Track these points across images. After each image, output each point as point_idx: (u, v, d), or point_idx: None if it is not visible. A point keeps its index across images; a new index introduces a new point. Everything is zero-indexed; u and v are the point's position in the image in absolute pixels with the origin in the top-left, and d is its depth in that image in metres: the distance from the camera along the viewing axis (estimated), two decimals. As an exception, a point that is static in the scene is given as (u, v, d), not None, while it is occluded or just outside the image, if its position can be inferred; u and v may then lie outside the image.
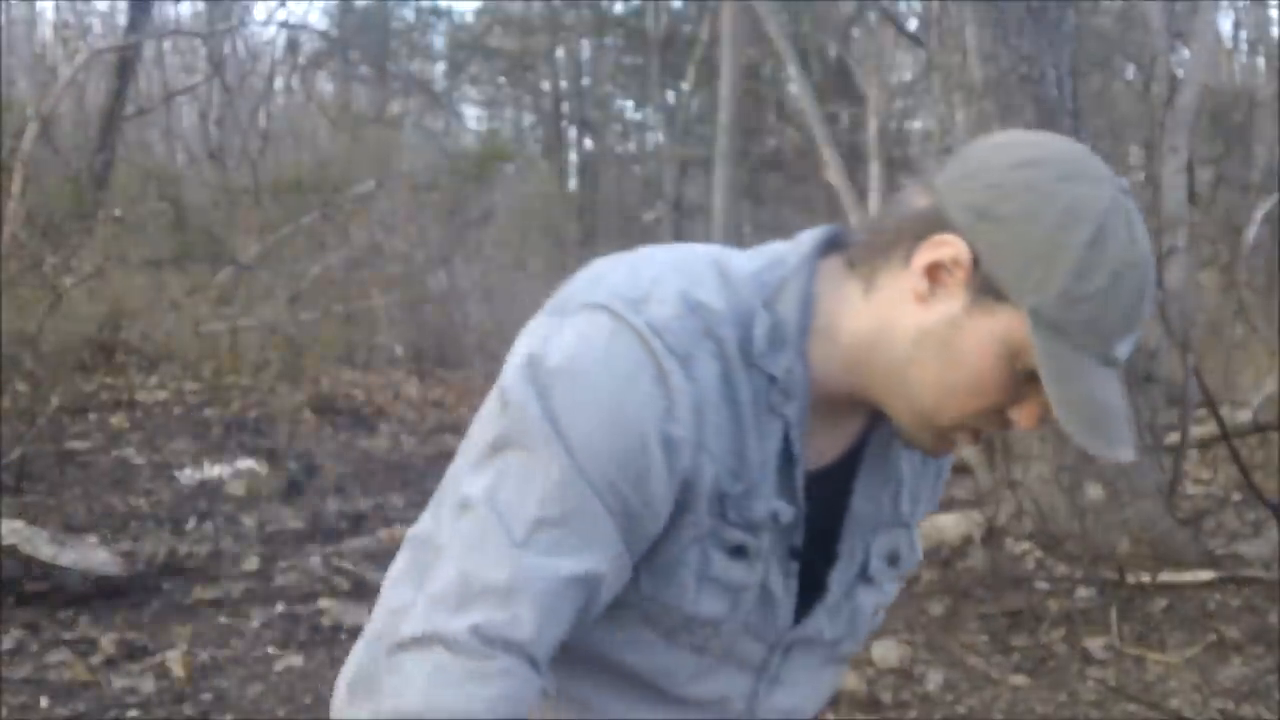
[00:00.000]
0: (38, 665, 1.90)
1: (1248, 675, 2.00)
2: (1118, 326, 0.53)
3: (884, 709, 1.88)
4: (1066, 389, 0.52)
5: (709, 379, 0.53)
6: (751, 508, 0.56)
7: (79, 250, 4.93)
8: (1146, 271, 0.54)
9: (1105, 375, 0.53)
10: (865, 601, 0.63)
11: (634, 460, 0.52)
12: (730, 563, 0.57)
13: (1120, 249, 0.52)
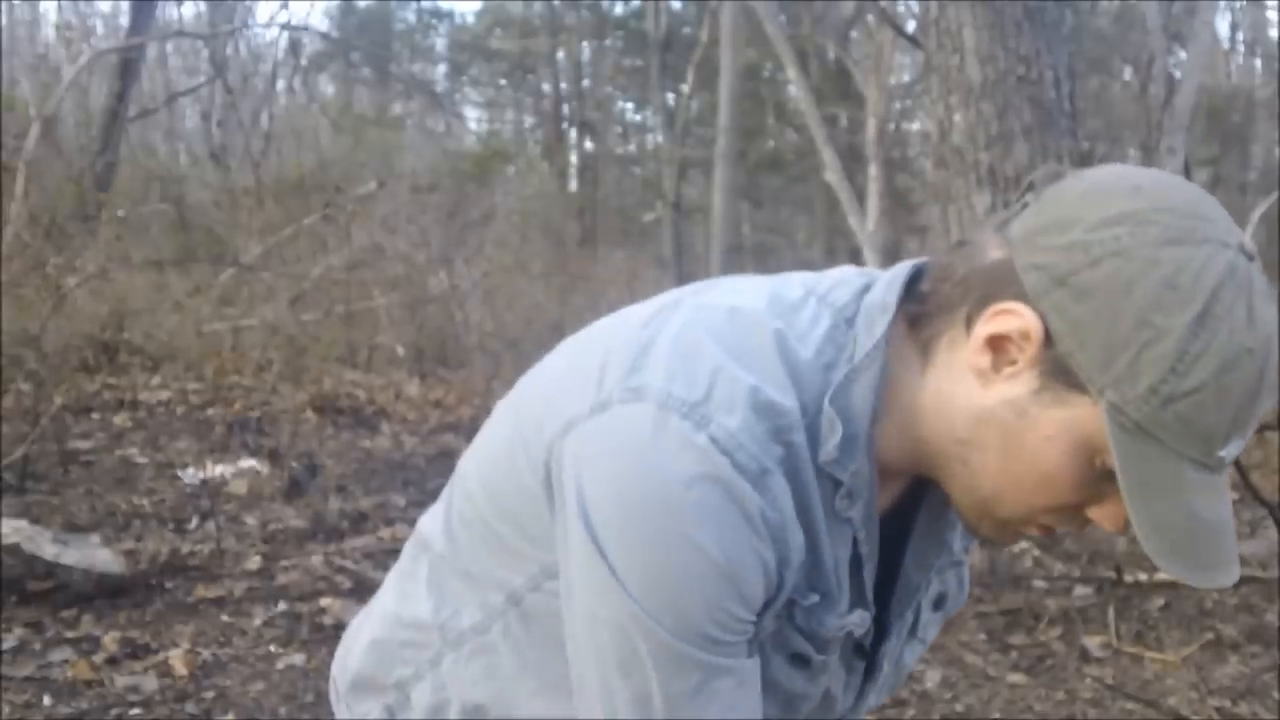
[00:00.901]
0: (40, 664, 1.91)
1: (1245, 674, 2.01)
2: (1224, 428, 0.43)
3: (882, 707, 1.89)
4: (1151, 503, 0.43)
5: (784, 495, 0.46)
6: (824, 622, 0.50)
7: (82, 251, 4.95)
8: (1270, 357, 0.43)
9: (1206, 483, 0.43)
10: (910, 658, 0.58)
11: (734, 604, 0.46)
12: (792, 671, 0.51)
13: (1234, 333, 0.42)
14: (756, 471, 0.45)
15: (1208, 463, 0.43)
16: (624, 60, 13.21)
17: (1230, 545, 0.45)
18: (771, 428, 0.46)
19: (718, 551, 0.44)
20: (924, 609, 0.57)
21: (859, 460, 0.48)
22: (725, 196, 8.08)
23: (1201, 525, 0.44)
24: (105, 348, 4.43)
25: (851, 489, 0.48)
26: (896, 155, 8.46)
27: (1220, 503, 0.45)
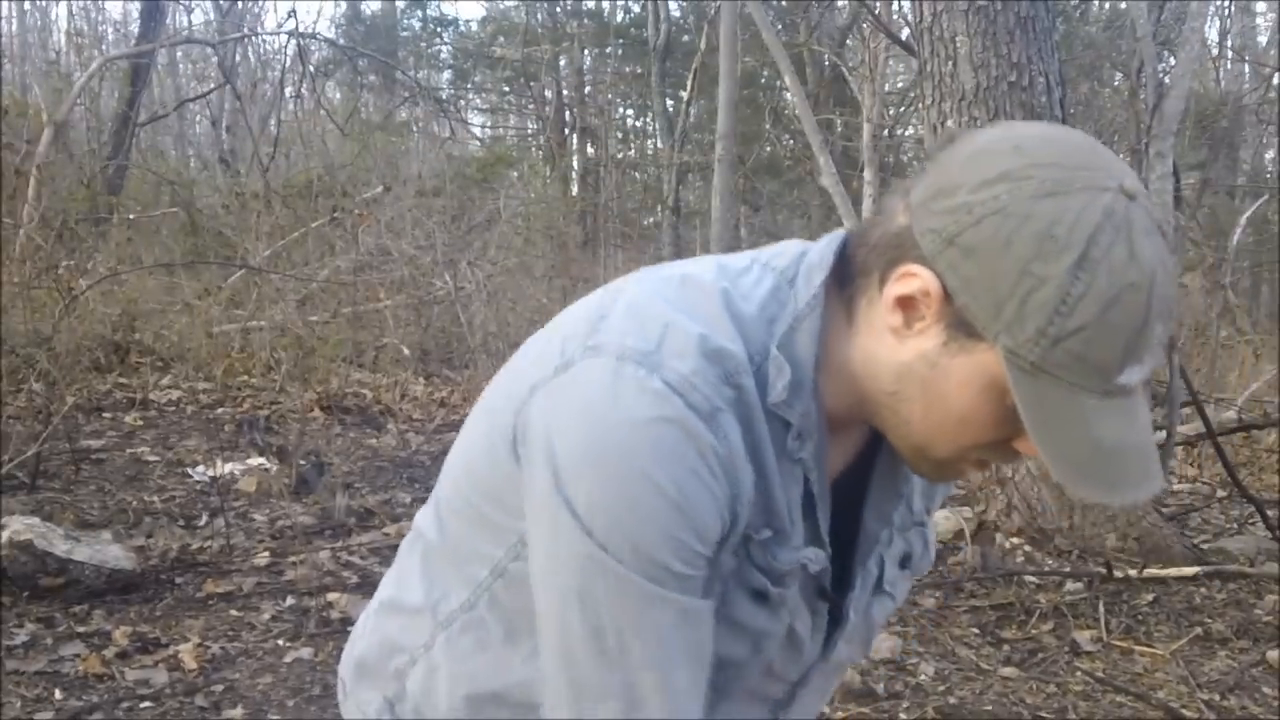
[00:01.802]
0: (52, 658, 1.93)
1: (1233, 668, 2.03)
2: (1117, 358, 0.45)
3: (877, 699, 1.92)
4: (1054, 435, 0.46)
5: (734, 434, 0.49)
6: (778, 556, 0.53)
7: (93, 253, 5.02)
8: (1155, 288, 0.45)
9: (1110, 409, 0.46)
10: (880, 614, 0.60)
11: (689, 536, 0.48)
12: (754, 608, 0.53)
13: (1114, 271, 0.44)
14: (709, 411, 0.48)
15: (1107, 390, 0.46)
16: (624, 67, 13.28)
17: (1141, 464, 0.47)
18: (721, 372, 0.50)
19: (673, 487, 0.48)
20: (888, 564, 0.59)
21: (806, 402, 0.52)
22: (723, 200, 8.12)
23: (1107, 450, 0.46)
24: (116, 348, 4.48)
25: (801, 430, 0.52)
26: (891, 160, 8.49)
27: (1129, 426, 0.47)
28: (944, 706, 1.88)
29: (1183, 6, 3.52)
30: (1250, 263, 6.79)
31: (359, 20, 13.85)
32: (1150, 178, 2.80)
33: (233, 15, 9.27)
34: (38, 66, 9.68)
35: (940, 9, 2.61)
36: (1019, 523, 2.65)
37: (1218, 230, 6.18)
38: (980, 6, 2.56)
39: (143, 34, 7.55)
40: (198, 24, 9.53)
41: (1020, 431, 0.48)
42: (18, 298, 4.02)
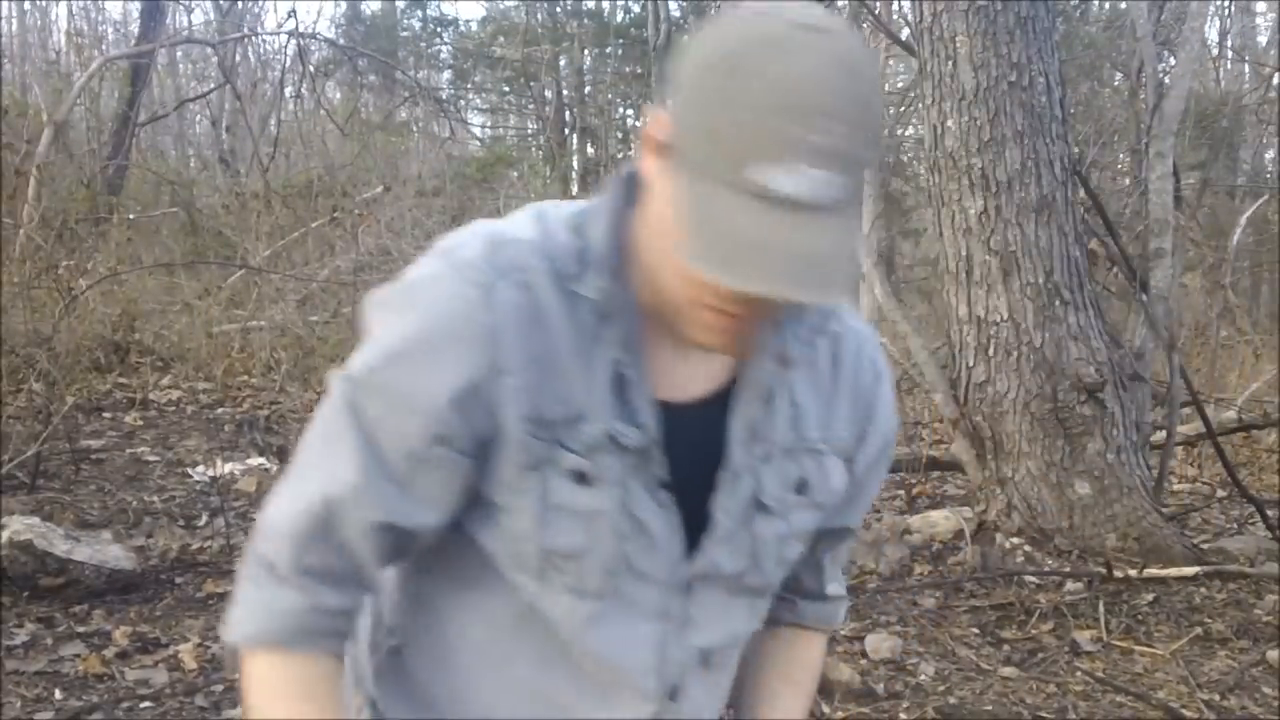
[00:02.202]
0: (52, 658, 1.94)
1: (1233, 668, 2.03)
2: (754, 150, 0.48)
3: (877, 699, 1.92)
4: (695, 216, 0.49)
5: (508, 306, 0.55)
6: (583, 430, 0.56)
7: (93, 253, 5.02)
8: (796, 94, 0.47)
9: (757, 209, 0.48)
10: (766, 531, 0.61)
11: (429, 372, 0.55)
12: (575, 489, 0.57)
13: (760, 73, 0.48)
14: (484, 284, 0.55)
15: (738, 183, 0.49)
16: (624, 67, 13.30)
17: (777, 265, 0.49)
18: (505, 257, 0.56)
19: (429, 329, 0.56)
20: (769, 480, 0.61)
21: (602, 279, 0.56)
22: (726, 201, 8.09)
23: (746, 241, 0.49)
24: (116, 348, 4.48)
25: (603, 308, 0.56)
26: (891, 160, 8.50)
27: (770, 230, 0.48)
28: (944, 706, 1.89)
29: (1183, 6, 3.53)
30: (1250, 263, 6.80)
31: (359, 20, 13.86)
32: (1150, 177, 2.81)
33: (233, 15, 9.28)
34: (38, 66, 9.69)
35: (940, 9, 2.61)
36: (1019, 523, 2.65)
37: (1218, 230, 6.19)
38: (980, 6, 2.56)
39: (143, 34, 7.56)
40: (198, 24, 9.54)
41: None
42: (18, 298, 4.02)
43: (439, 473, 0.57)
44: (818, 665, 0.76)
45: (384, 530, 0.58)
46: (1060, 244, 2.60)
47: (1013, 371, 2.61)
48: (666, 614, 0.61)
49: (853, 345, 0.65)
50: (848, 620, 2.26)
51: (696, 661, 0.63)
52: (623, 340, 0.57)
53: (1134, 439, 2.63)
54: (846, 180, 0.49)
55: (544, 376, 0.56)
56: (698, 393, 0.60)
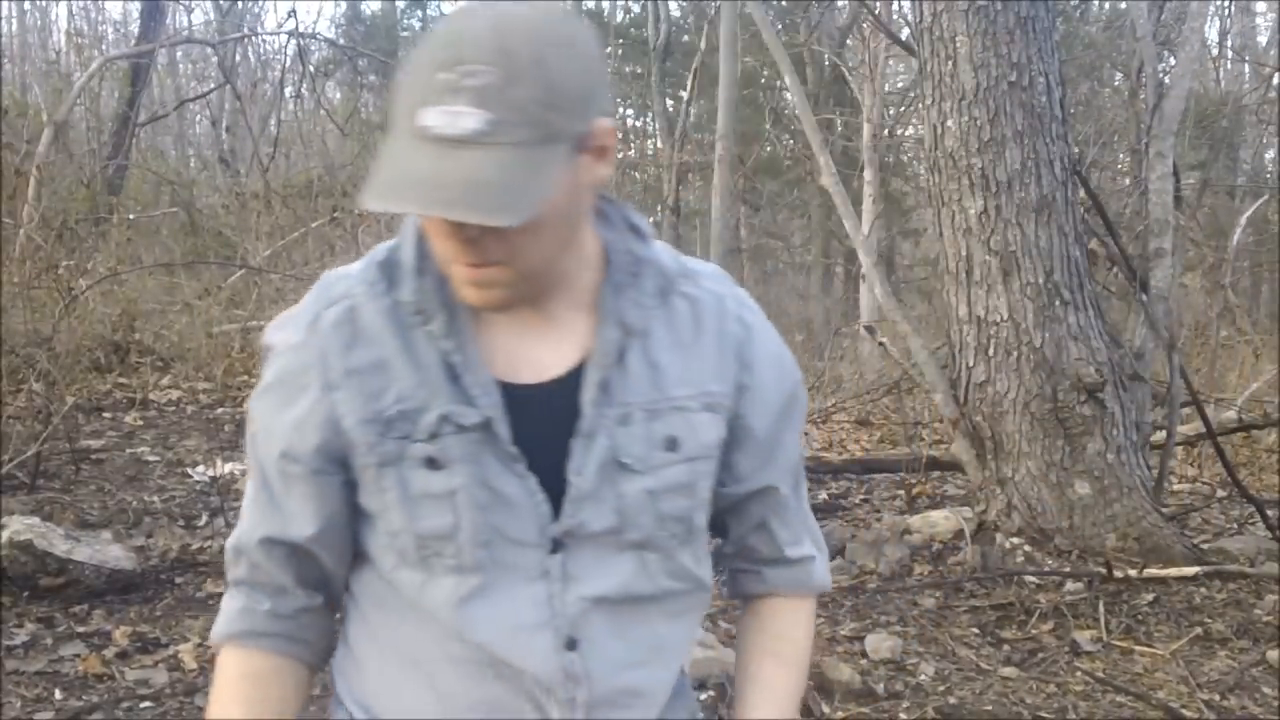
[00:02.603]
0: (52, 658, 1.94)
1: (1233, 668, 2.03)
2: (416, 97, 0.57)
3: (877, 699, 1.92)
4: (376, 164, 0.58)
5: (330, 330, 0.65)
6: (423, 420, 0.63)
7: (93, 253, 5.02)
8: (447, 47, 0.57)
9: (417, 149, 0.56)
10: (631, 488, 0.65)
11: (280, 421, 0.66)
12: (429, 475, 0.63)
13: (429, 36, 0.58)
14: (311, 317, 0.66)
15: (414, 131, 0.57)
16: (624, 67, 13.29)
17: (415, 187, 0.56)
18: (331, 291, 0.67)
19: (277, 372, 0.67)
20: (629, 440, 0.65)
21: (416, 282, 0.64)
22: (723, 200, 8.11)
23: (395, 172, 0.57)
24: (116, 348, 4.49)
25: (420, 306, 0.64)
26: (891, 160, 8.51)
27: (416, 161, 0.56)
28: (944, 706, 1.89)
29: (1183, 6, 3.53)
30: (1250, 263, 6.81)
31: (359, 20, 13.87)
32: (1150, 177, 2.80)
33: (233, 15, 9.28)
34: (38, 66, 9.69)
35: (940, 9, 2.61)
36: (1019, 523, 2.65)
37: (1218, 230, 6.20)
38: (980, 6, 2.56)
39: (143, 34, 7.56)
40: (198, 24, 9.54)
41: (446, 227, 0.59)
42: (18, 298, 4.02)
43: (302, 486, 0.66)
44: (802, 632, 0.76)
45: (271, 544, 0.67)
46: (1060, 244, 2.60)
47: (1013, 371, 2.61)
48: (548, 573, 0.66)
49: (712, 305, 0.69)
50: (848, 620, 2.27)
51: (589, 610, 0.66)
52: (445, 331, 0.64)
53: (1134, 439, 2.63)
54: (494, 116, 0.56)
55: (376, 382, 0.64)
56: (554, 373, 0.66)
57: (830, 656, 2.03)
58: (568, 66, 0.58)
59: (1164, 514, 2.65)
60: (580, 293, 0.66)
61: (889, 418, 4.63)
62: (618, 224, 0.69)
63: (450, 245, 0.60)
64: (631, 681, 0.68)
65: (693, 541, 0.70)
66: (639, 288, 0.67)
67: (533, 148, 0.57)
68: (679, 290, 0.68)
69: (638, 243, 0.68)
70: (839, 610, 2.32)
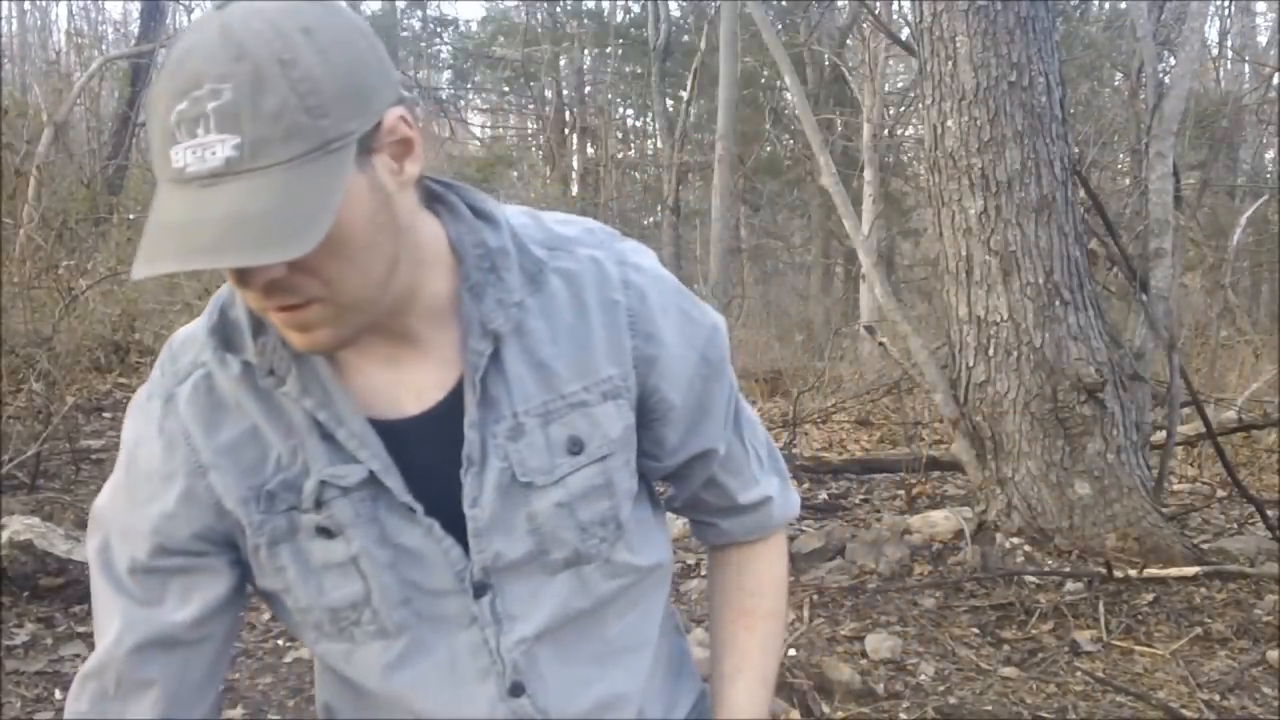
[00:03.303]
0: (52, 658, 1.94)
1: (1233, 668, 2.03)
2: (162, 140, 0.48)
3: (877, 699, 1.92)
4: (142, 240, 0.49)
5: (188, 409, 0.57)
6: (306, 488, 0.56)
7: (93, 253, 5.02)
8: (177, 72, 0.48)
9: (174, 196, 0.48)
10: (541, 505, 0.59)
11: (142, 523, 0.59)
12: (326, 544, 0.57)
13: (159, 71, 0.50)
14: (165, 397, 0.59)
15: (171, 177, 0.48)
16: (624, 67, 13.30)
17: (168, 241, 0.48)
18: (181, 361, 0.59)
19: (131, 465, 0.60)
20: (530, 455, 0.58)
21: (261, 344, 0.57)
22: (723, 200, 8.12)
23: (159, 228, 0.48)
24: (116, 348, 4.49)
25: (272, 366, 0.57)
26: (891, 160, 8.51)
27: (175, 211, 0.48)
28: (944, 706, 1.89)
29: (1183, 6, 3.53)
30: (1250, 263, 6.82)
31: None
32: (1150, 177, 2.80)
33: (232, 15, 9.25)
34: (38, 66, 9.69)
35: (940, 9, 2.61)
36: (1019, 523, 2.65)
37: (1218, 230, 6.20)
38: (980, 6, 2.56)
39: (143, 34, 7.56)
40: (197, 24, 9.50)
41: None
42: (18, 298, 4.02)
43: (178, 580, 0.59)
44: (770, 574, 0.71)
45: (145, 650, 0.60)
46: (1060, 244, 2.60)
47: (1013, 371, 2.61)
48: (476, 618, 0.60)
49: (592, 276, 0.60)
50: (848, 620, 2.27)
51: (530, 649, 0.61)
52: (302, 389, 0.56)
53: (1134, 439, 2.63)
54: (246, 137, 0.47)
55: (251, 454, 0.57)
56: (432, 401, 0.58)
57: (830, 656, 2.03)
58: (326, 58, 0.48)
59: (1164, 514, 2.65)
60: (437, 303, 0.58)
61: (889, 418, 4.63)
62: (464, 215, 0.59)
63: (251, 295, 0.52)
64: (595, 697, 0.63)
65: (625, 535, 0.62)
66: (500, 284, 0.58)
67: (304, 163, 0.47)
68: (551, 268, 0.59)
69: (490, 232, 0.59)
70: (839, 610, 2.32)
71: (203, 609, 0.60)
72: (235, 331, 0.58)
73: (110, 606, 0.61)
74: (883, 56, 7.28)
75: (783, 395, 5.31)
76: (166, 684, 0.60)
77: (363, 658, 0.60)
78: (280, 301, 0.52)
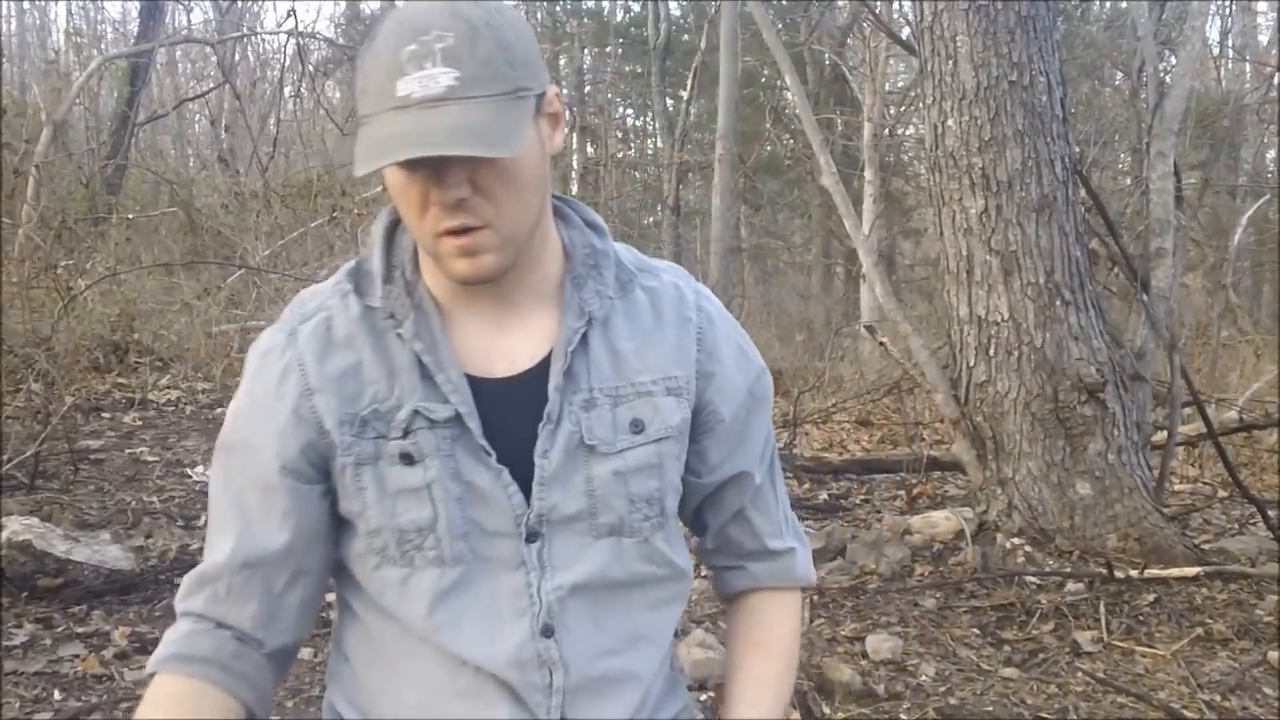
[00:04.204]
0: (51, 659, 1.93)
1: (1234, 669, 2.03)
2: (387, 77, 0.60)
3: (878, 700, 1.92)
4: (360, 143, 0.61)
5: (307, 340, 0.68)
6: (397, 417, 0.66)
7: (92, 253, 5.02)
8: (406, 25, 0.61)
9: (399, 116, 0.60)
10: (599, 471, 0.67)
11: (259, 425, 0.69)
12: (405, 470, 0.66)
13: (385, 24, 0.63)
14: (288, 331, 0.69)
15: (395, 101, 0.60)
16: (624, 67, 13.30)
17: (404, 140, 0.59)
18: (306, 306, 0.71)
19: (255, 388, 0.70)
20: (598, 425, 0.68)
21: (385, 290, 0.68)
22: (724, 200, 8.12)
23: (388, 135, 0.60)
24: (115, 348, 4.48)
25: (392, 310, 0.68)
26: (891, 160, 8.50)
27: (406, 123, 0.60)
28: (945, 707, 1.88)
29: (1184, 6, 3.53)
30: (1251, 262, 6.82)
31: (358, 19, 13.86)
32: (1152, 177, 2.80)
33: (232, 14, 9.26)
34: (36, 66, 9.68)
35: (941, 8, 2.61)
36: (1020, 523, 2.65)
37: (1219, 230, 6.20)
38: (981, 6, 2.56)
39: (141, 33, 7.55)
40: (197, 23, 9.53)
41: (419, 184, 0.62)
42: (17, 298, 4.02)
43: (282, 500, 0.67)
44: (788, 624, 0.78)
45: (249, 568, 0.67)
46: (1061, 244, 2.60)
47: (1013, 371, 2.61)
48: (525, 562, 0.67)
49: (671, 295, 0.73)
50: (848, 620, 2.26)
51: (566, 598, 0.68)
52: (415, 332, 0.67)
53: (1135, 439, 2.63)
54: (465, 72, 0.60)
55: (352, 386, 0.67)
56: (525, 366, 0.68)
57: (831, 657, 2.03)
58: (514, 31, 0.63)
59: (1165, 514, 2.64)
60: (545, 285, 0.69)
61: (889, 418, 4.62)
62: (576, 222, 0.72)
63: (434, 214, 0.62)
64: (610, 670, 0.69)
65: (666, 527, 0.71)
66: (599, 279, 0.70)
67: (503, 101, 0.61)
68: (638, 283, 0.72)
69: (597, 238, 0.72)
70: (839, 611, 2.32)
71: (295, 535, 0.67)
72: (367, 280, 0.69)
73: (225, 524, 0.68)
74: (883, 56, 7.28)
75: (783, 395, 5.30)
76: (264, 602, 0.68)
77: (417, 583, 0.67)
78: (460, 221, 0.62)
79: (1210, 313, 5.19)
